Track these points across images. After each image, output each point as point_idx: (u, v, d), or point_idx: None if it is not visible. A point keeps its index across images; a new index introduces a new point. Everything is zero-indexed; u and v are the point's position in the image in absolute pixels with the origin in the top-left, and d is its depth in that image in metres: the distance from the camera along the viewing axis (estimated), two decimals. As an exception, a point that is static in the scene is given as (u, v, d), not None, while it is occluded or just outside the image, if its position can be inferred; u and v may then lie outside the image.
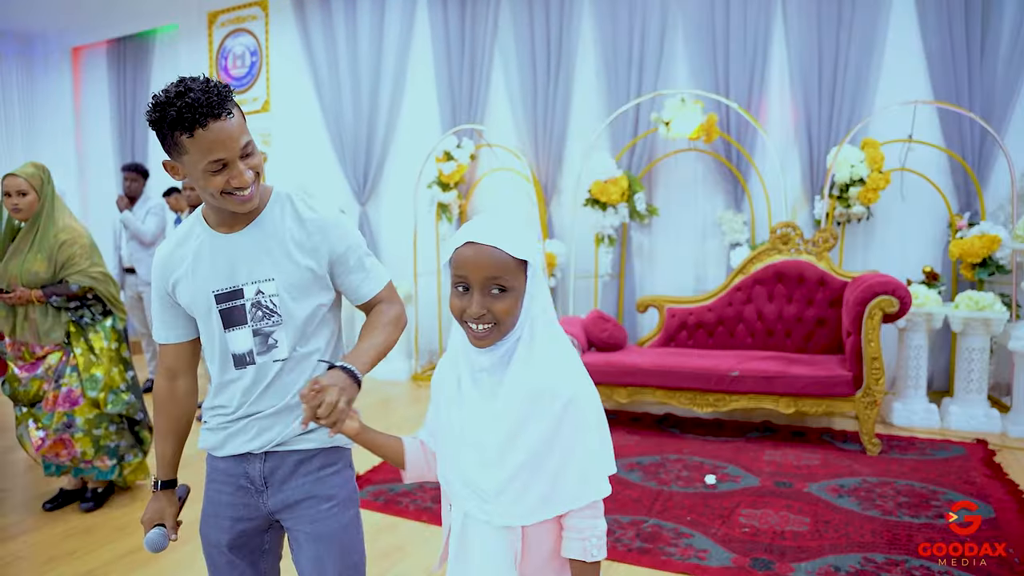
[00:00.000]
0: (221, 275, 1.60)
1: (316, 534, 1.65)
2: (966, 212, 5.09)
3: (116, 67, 9.02)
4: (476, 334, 1.28)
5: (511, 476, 1.28)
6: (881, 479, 3.74)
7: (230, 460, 1.68)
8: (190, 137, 1.45)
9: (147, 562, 3.00)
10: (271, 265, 1.60)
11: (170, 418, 1.73)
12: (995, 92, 5.02)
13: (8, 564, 3.01)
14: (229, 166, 1.50)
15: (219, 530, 1.68)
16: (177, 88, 1.46)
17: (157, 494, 1.71)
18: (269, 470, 1.66)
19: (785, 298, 4.96)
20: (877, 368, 4.11)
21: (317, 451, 1.67)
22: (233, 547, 1.69)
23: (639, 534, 3.16)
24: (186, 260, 1.62)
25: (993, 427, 4.52)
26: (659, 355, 4.76)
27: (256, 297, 1.59)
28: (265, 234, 1.62)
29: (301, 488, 1.66)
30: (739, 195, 5.71)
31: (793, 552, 2.96)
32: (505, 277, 1.26)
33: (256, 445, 1.63)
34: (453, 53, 6.65)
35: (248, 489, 1.67)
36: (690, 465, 4.03)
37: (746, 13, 5.57)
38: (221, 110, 1.46)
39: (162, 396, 1.73)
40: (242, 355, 1.61)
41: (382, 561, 2.95)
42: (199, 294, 1.60)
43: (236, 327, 1.60)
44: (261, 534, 1.73)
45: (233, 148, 1.49)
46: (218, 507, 1.69)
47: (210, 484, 1.72)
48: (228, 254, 1.60)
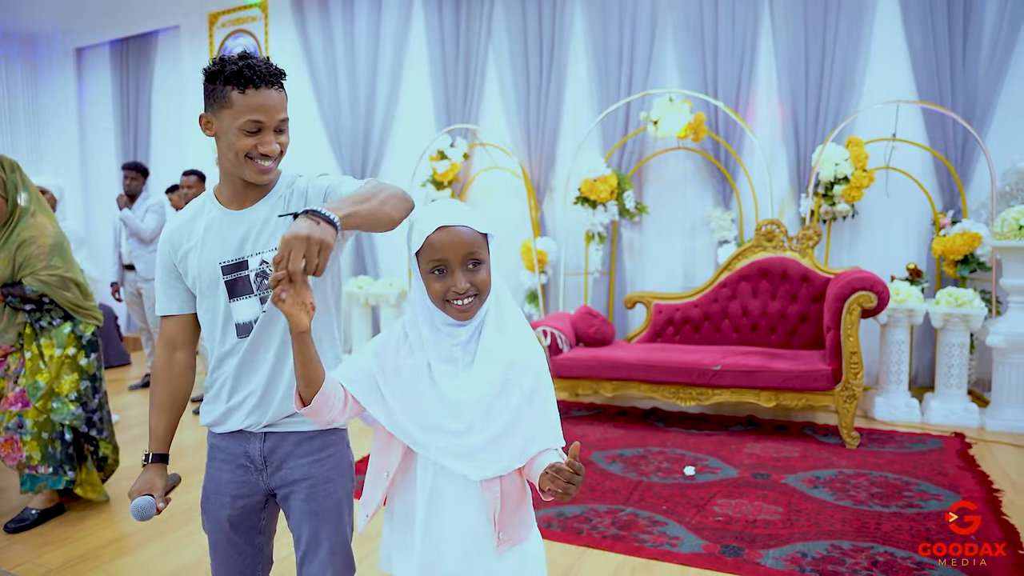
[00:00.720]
0: (229, 248, 1.67)
1: (312, 511, 1.74)
2: (950, 210, 5.18)
3: (118, 67, 9.15)
4: (461, 308, 1.39)
5: (494, 436, 1.39)
6: (857, 471, 3.83)
7: (231, 439, 1.75)
8: (241, 93, 1.57)
9: (137, 547, 3.11)
10: (276, 235, 1.67)
11: (167, 390, 1.78)
12: (977, 93, 5.10)
13: (4, 548, 3.13)
14: (263, 131, 1.61)
15: (220, 506, 1.77)
16: (241, 54, 1.60)
17: (148, 466, 1.75)
18: (269, 449, 1.74)
19: (769, 294, 5.05)
20: (856, 362, 4.20)
21: (316, 432, 1.75)
22: (232, 523, 1.77)
23: (615, 522, 3.26)
24: (197, 234, 1.70)
25: (972, 421, 4.60)
26: (644, 350, 4.85)
27: (260, 267, 1.67)
28: (272, 209, 1.70)
29: (300, 468, 1.74)
30: (727, 193, 5.80)
31: (763, 539, 3.05)
32: (478, 251, 1.40)
33: (254, 420, 1.71)
34: (448, 54, 6.76)
35: (248, 468, 1.75)
36: (671, 457, 4.12)
37: (734, 14, 5.66)
38: (275, 81, 1.61)
39: (161, 367, 1.79)
40: (247, 323, 1.68)
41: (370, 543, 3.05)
42: (206, 266, 1.68)
43: (241, 297, 1.68)
44: (259, 512, 1.81)
45: (272, 116, 1.61)
46: (219, 484, 1.77)
47: (211, 463, 1.80)
48: (238, 228, 1.68)
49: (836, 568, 2.77)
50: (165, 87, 8.85)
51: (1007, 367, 4.50)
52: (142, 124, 8.98)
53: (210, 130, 1.64)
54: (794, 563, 2.83)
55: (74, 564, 2.96)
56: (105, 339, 6.26)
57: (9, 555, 3.06)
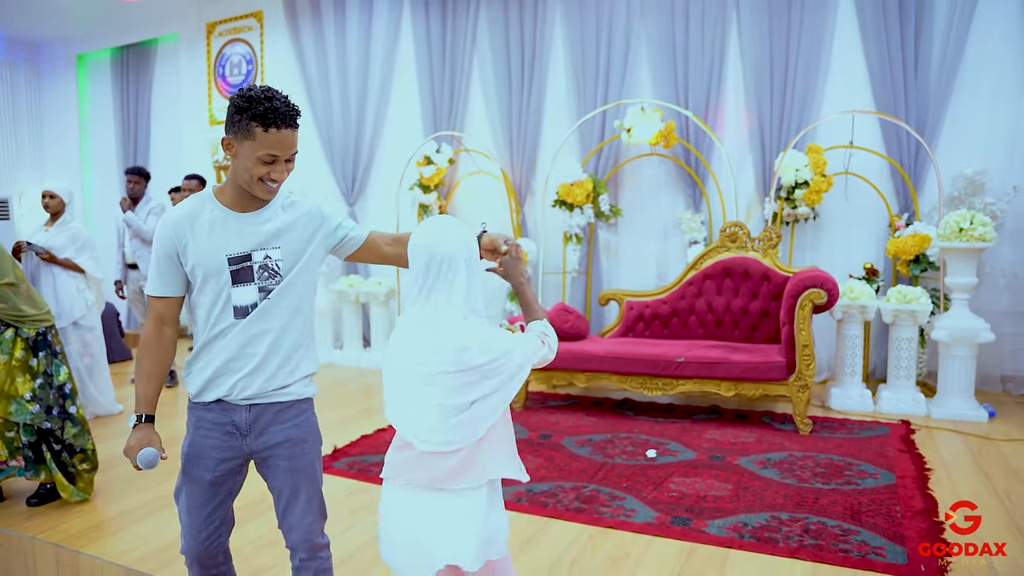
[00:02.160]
0: (234, 243, 1.99)
1: (292, 468, 2.09)
2: (904, 213, 5.53)
3: (119, 74, 9.47)
4: None
5: None
6: (806, 454, 4.17)
7: (217, 411, 2.04)
8: (264, 131, 1.88)
9: (152, 513, 3.45)
10: (277, 237, 2.03)
11: (155, 361, 2.06)
12: (928, 104, 5.46)
13: (27, 519, 3.47)
14: (277, 162, 1.94)
15: (204, 469, 2.05)
16: (265, 91, 1.90)
17: (140, 426, 2.01)
18: (253, 418, 2.04)
19: (733, 292, 5.39)
20: (808, 354, 4.54)
21: (292, 402, 2.09)
22: (213, 483, 2.07)
23: (578, 497, 3.59)
24: (200, 228, 1.98)
25: (919, 410, 4.94)
26: (615, 344, 5.20)
27: (264, 261, 2.01)
28: (272, 216, 2.04)
29: (280, 432, 2.07)
30: (697, 197, 6.15)
31: (710, 512, 3.38)
32: None
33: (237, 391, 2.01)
34: (435, 64, 7.10)
35: (233, 434, 2.04)
36: (636, 442, 4.46)
37: (703, 29, 6.03)
38: (294, 123, 1.93)
39: (150, 340, 2.06)
40: (244, 307, 2.00)
41: (351, 517, 3.39)
42: (213, 257, 1.97)
43: (243, 284, 1.99)
44: (236, 474, 2.11)
45: (288, 151, 1.95)
46: (204, 449, 2.05)
47: (196, 431, 2.06)
48: (242, 227, 2.00)
49: (772, 535, 3.11)
50: (164, 93, 9.17)
51: (951, 359, 4.85)
52: (142, 129, 9.29)
53: (231, 151, 1.96)
54: (735, 531, 3.17)
55: (90, 531, 3.29)
56: (107, 335, 6.55)
57: (32, 524, 3.40)
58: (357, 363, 7.08)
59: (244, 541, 3.09)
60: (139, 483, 3.85)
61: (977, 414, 4.75)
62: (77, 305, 5.11)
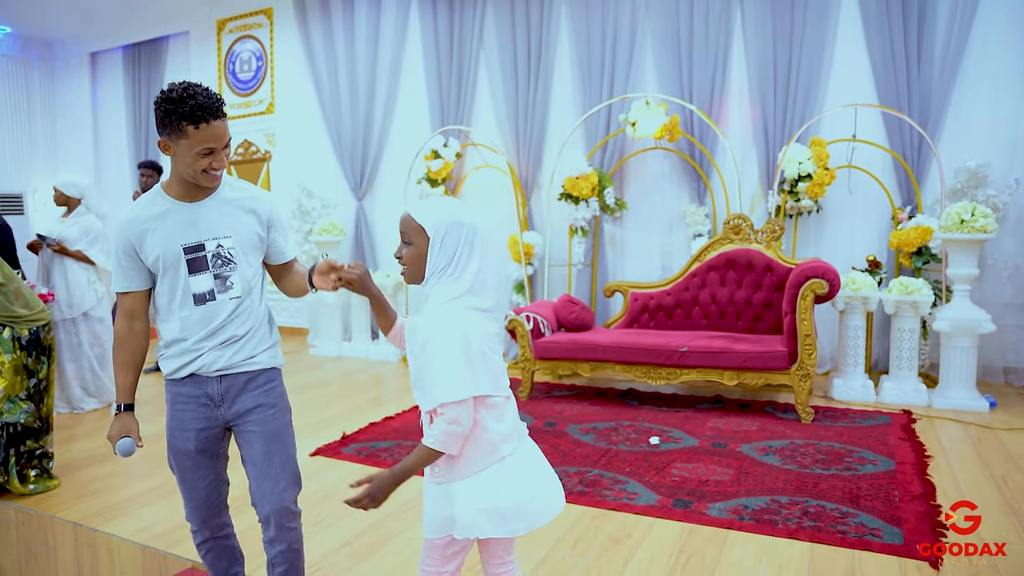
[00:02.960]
0: (188, 233, 2.10)
1: (264, 432, 2.20)
2: (907, 206, 5.57)
3: (131, 71, 9.59)
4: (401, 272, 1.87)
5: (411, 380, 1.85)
6: (808, 441, 4.23)
7: (191, 384, 2.16)
8: (195, 128, 1.97)
9: (166, 495, 3.54)
10: (228, 226, 2.15)
11: (130, 351, 2.18)
12: (931, 97, 5.50)
13: (44, 500, 3.57)
14: (215, 153, 2.03)
15: (186, 440, 2.18)
16: (185, 89, 1.99)
17: (120, 415, 2.15)
18: (225, 388, 2.17)
19: (736, 283, 5.46)
20: (810, 344, 4.60)
21: (261, 371, 2.22)
22: (199, 451, 2.20)
23: (582, 481, 3.67)
24: (153, 222, 2.09)
25: (921, 400, 4.98)
26: (619, 334, 5.27)
27: (216, 250, 2.12)
28: (221, 204, 2.16)
29: (252, 399, 2.19)
30: (701, 190, 6.21)
31: (712, 495, 3.45)
32: (407, 234, 1.81)
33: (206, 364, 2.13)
34: (442, 59, 7.18)
35: (208, 405, 2.17)
36: (640, 430, 4.53)
37: (708, 24, 6.08)
38: (221, 113, 2.02)
39: (123, 335, 2.18)
40: (202, 294, 2.11)
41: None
42: (169, 248, 2.08)
43: (199, 272, 2.11)
44: (219, 440, 2.24)
45: (222, 141, 2.04)
46: (183, 422, 2.18)
47: (174, 407, 2.20)
48: (192, 218, 2.11)
49: (771, 517, 3.18)
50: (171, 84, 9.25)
51: (952, 350, 4.90)
52: (153, 125, 9.34)
53: (168, 152, 2.07)
54: (735, 513, 3.23)
55: (107, 511, 3.39)
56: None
57: (51, 503, 3.51)
58: (366, 355, 7.17)
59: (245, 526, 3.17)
60: (153, 466, 3.95)
61: (978, 404, 4.80)
62: (87, 297, 5.23)
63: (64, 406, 5.25)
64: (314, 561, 2.82)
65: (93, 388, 5.33)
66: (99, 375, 5.34)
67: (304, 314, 8.40)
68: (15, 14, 8.87)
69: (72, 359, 5.25)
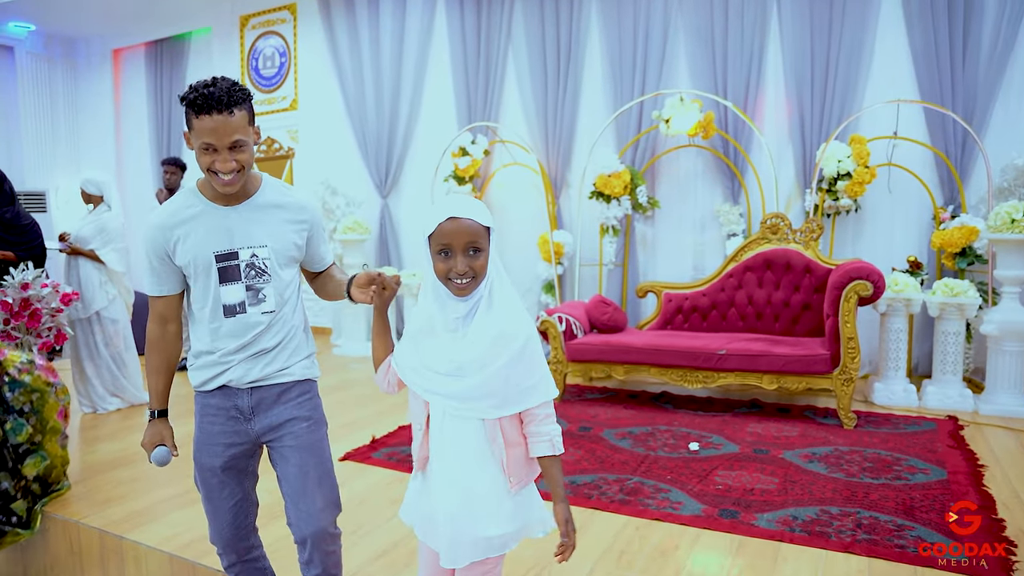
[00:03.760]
0: (222, 239, 1.96)
1: (299, 446, 2.05)
2: (949, 205, 5.40)
3: (154, 67, 9.56)
4: (460, 287, 1.67)
5: (479, 383, 1.67)
6: (852, 448, 4.08)
7: (220, 396, 2.03)
8: (197, 118, 1.83)
9: (193, 501, 3.43)
10: (265, 235, 1.99)
11: (162, 358, 2.07)
12: (976, 92, 5.32)
13: (69, 504, 3.48)
14: (217, 151, 1.85)
15: (212, 456, 2.04)
16: (208, 81, 1.86)
17: (154, 421, 2.07)
18: (256, 400, 2.03)
19: (773, 284, 5.31)
20: (853, 347, 4.45)
21: (294, 383, 2.08)
22: (225, 469, 2.06)
23: (622, 489, 3.54)
24: (186, 226, 1.95)
25: (966, 406, 4.82)
26: (654, 336, 5.13)
27: (251, 259, 1.98)
28: (260, 210, 2.01)
29: (285, 412, 2.05)
30: (736, 188, 6.06)
31: (758, 505, 3.32)
32: (479, 241, 1.66)
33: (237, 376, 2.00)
34: (469, 55, 7.07)
35: (238, 418, 2.04)
36: (678, 435, 4.39)
37: (743, 18, 5.93)
38: (224, 108, 1.82)
39: (156, 338, 2.06)
40: (232, 306, 1.97)
41: (392, 507, 3.36)
42: (200, 254, 1.94)
43: (230, 282, 1.97)
44: (248, 458, 2.10)
45: (223, 140, 1.84)
46: (211, 436, 2.04)
47: (202, 419, 2.06)
48: (227, 223, 1.96)
49: (823, 529, 3.04)
50: (202, 79, 9.21)
51: (1000, 354, 4.73)
52: (175, 122, 9.36)
53: (189, 144, 1.93)
54: (785, 524, 3.09)
55: (133, 517, 3.29)
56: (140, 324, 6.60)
57: (76, 508, 3.41)
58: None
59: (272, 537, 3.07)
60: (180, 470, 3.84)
61: (1028, 410, 4.64)
62: (98, 297, 5.17)
63: (87, 406, 5.19)
64: (351, 572, 2.71)
65: (113, 387, 5.26)
66: (116, 375, 5.27)
67: (328, 314, 8.31)
68: (39, 12, 8.84)
69: (89, 357, 5.19)
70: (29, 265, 4.24)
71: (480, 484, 1.70)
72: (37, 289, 4.17)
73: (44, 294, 4.20)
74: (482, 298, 1.70)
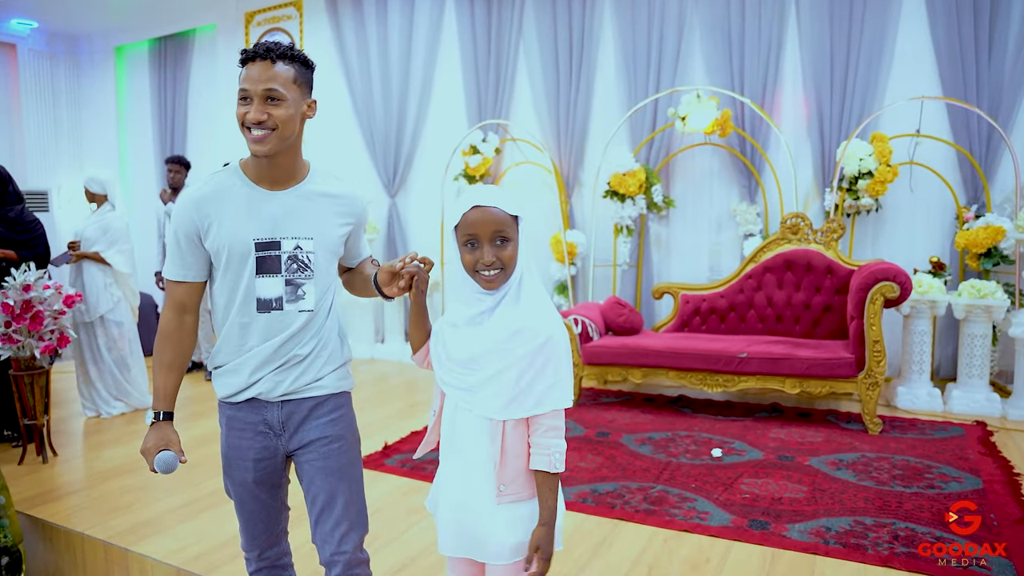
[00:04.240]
0: (263, 226, 1.80)
1: (328, 468, 1.89)
2: (973, 204, 5.27)
3: (157, 65, 9.42)
4: (487, 279, 1.58)
5: (488, 377, 1.57)
6: (879, 454, 3.95)
7: (248, 409, 1.88)
8: (241, 67, 1.75)
9: (203, 510, 3.32)
10: (312, 226, 1.84)
11: (176, 351, 1.88)
12: (1002, 88, 5.19)
13: (73, 514, 3.35)
14: (250, 100, 1.73)
15: (243, 471, 1.91)
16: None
17: (157, 424, 1.84)
18: (286, 415, 1.88)
19: (794, 285, 5.18)
20: (878, 351, 4.32)
21: (327, 396, 1.91)
22: (258, 482, 1.92)
23: (646, 498, 3.41)
24: (226, 208, 1.79)
25: (994, 411, 4.69)
26: (672, 338, 5.00)
27: (294, 251, 1.81)
28: (308, 198, 1.86)
29: (315, 430, 1.89)
30: (753, 187, 5.93)
31: (789, 515, 3.19)
32: (506, 230, 1.57)
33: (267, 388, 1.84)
34: (479, 51, 6.93)
35: (267, 433, 1.89)
36: (699, 440, 4.27)
37: (760, 12, 5.79)
38: (269, 55, 1.73)
39: (171, 329, 1.87)
40: (268, 300, 1.81)
41: (408, 518, 3.23)
42: (238, 240, 1.78)
43: (268, 274, 1.80)
44: (279, 470, 1.96)
45: (257, 85, 1.72)
46: (240, 451, 1.90)
47: (230, 432, 1.91)
48: (270, 209, 1.81)
49: (859, 541, 2.91)
50: (202, 84, 9.09)
51: (1029, 358, 4.61)
52: (179, 120, 9.24)
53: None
54: (818, 536, 2.97)
55: (139, 528, 3.17)
56: (146, 326, 6.48)
57: (80, 519, 3.28)
58: (401, 357, 6.95)
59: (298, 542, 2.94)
60: (188, 477, 3.73)
61: (1058, 415, 4.51)
62: (103, 300, 5.06)
63: (91, 410, 5.08)
64: (368, 588, 2.58)
65: (116, 391, 5.14)
66: (120, 379, 5.15)
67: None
68: (41, 9, 8.72)
69: (93, 361, 5.08)
70: (31, 266, 4.12)
71: (480, 484, 1.62)
72: (39, 291, 4.04)
73: (46, 296, 4.07)
74: (509, 291, 1.61)
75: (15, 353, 4.02)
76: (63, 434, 4.68)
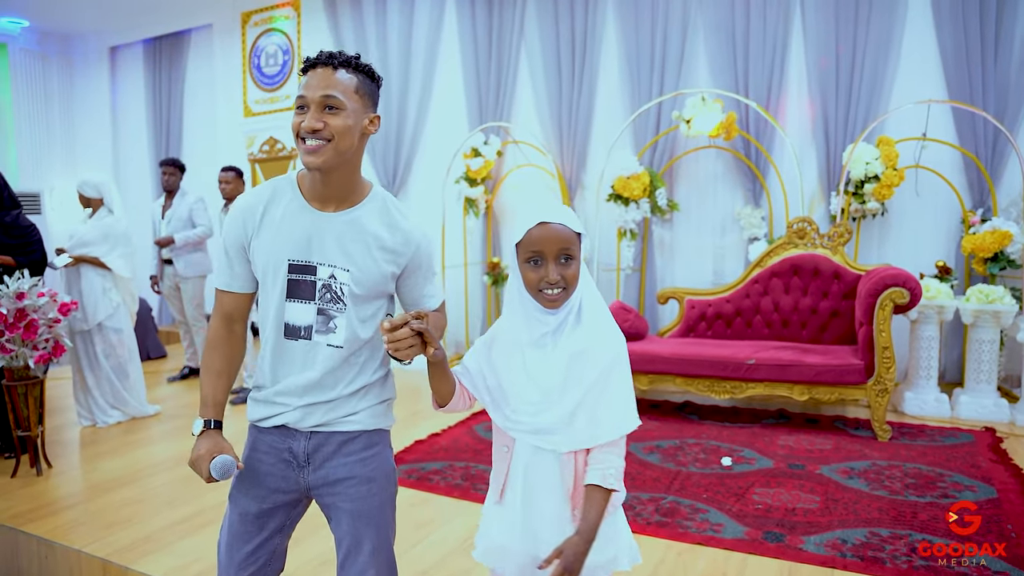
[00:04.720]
0: (300, 246, 1.67)
1: (355, 512, 1.74)
2: (979, 208, 5.23)
3: (152, 66, 9.33)
4: (551, 298, 1.53)
5: (567, 413, 1.53)
6: (890, 462, 3.90)
7: (276, 435, 1.75)
8: (302, 75, 1.64)
9: (205, 524, 3.24)
10: (353, 257, 1.68)
11: (224, 357, 1.78)
12: (1008, 92, 5.15)
13: (70, 530, 3.26)
14: (307, 109, 1.61)
15: (252, 498, 1.76)
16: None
17: (208, 432, 1.72)
18: (313, 447, 1.73)
19: (801, 290, 5.12)
20: (888, 357, 4.27)
21: (360, 432, 1.76)
22: (260, 515, 1.76)
23: (658, 509, 3.35)
24: (270, 220, 1.68)
25: (1002, 416, 4.65)
26: (678, 344, 4.94)
27: (328, 280, 1.67)
28: (355, 226, 1.69)
29: (343, 468, 1.74)
30: (757, 191, 5.87)
31: (803, 527, 3.13)
32: (571, 248, 1.53)
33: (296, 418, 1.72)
34: (480, 53, 6.86)
35: (290, 463, 1.75)
36: (707, 448, 4.21)
37: (765, 14, 5.74)
38: (331, 61, 1.62)
39: (220, 337, 1.78)
40: (296, 327, 1.68)
41: (417, 532, 3.15)
42: (273, 257, 1.67)
43: (299, 300, 1.68)
44: (290, 508, 1.80)
45: (315, 92, 1.60)
46: (256, 476, 1.76)
47: (252, 453, 1.78)
48: (313, 230, 1.67)
49: (876, 554, 2.85)
50: (197, 84, 9.00)
51: (1037, 363, 4.57)
52: (174, 121, 9.14)
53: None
54: (835, 549, 2.91)
55: (139, 544, 3.08)
56: (142, 331, 6.39)
57: (77, 535, 3.19)
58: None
59: (301, 561, 2.87)
60: (190, 489, 3.65)
61: (1068, 422, 4.47)
62: (102, 306, 4.93)
63: (86, 419, 4.97)
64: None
65: (113, 400, 5.04)
66: (117, 387, 5.03)
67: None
68: (33, 8, 8.61)
69: (90, 368, 4.95)
70: (25, 273, 4.02)
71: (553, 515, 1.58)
72: (33, 299, 3.94)
73: (41, 304, 3.98)
74: (572, 311, 1.57)
75: (8, 363, 3.91)
76: (58, 444, 4.58)
